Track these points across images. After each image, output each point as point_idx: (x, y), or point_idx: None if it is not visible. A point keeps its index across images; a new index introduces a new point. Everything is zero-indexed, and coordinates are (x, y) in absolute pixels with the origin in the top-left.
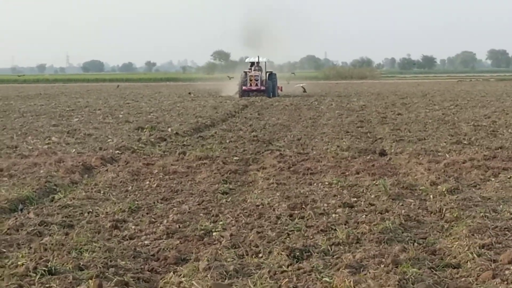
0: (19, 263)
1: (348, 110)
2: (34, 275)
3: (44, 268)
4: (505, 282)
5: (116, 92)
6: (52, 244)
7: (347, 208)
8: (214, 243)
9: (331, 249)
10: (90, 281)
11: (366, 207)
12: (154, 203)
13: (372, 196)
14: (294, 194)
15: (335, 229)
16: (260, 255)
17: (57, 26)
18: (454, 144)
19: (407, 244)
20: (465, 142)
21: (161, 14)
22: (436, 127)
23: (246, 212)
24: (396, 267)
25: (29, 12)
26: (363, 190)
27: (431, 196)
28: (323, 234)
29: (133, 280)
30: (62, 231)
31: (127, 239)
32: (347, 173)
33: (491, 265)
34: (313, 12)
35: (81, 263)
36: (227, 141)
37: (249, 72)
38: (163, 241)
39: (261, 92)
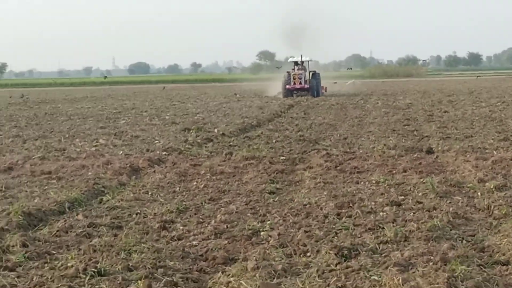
0: (68, 264)
1: (394, 108)
2: (84, 276)
3: (93, 270)
4: None
5: (162, 93)
6: (101, 246)
7: (395, 206)
8: (262, 242)
9: (379, 248)
10: (139, 282)
11: (414, 205)
12: (202, 203)
13: (420, 194)
14: (341, 193)
15: (383, 228)
16: (308, 254)
17: (103, 28)
18: (502, 141)
19: (455, 242)
20: None
21: (206, 15)
22: (483, 124)
23: (293, 212)
24: (445, 264)
25: (74, 15)
26: (410, 188)
27: (479, 193)
28: (371, 233)
29: (182, 281)
30: (110, 233)
31: (176, 240)
32: (394, 171)
33: None
34: (358, 11)
35: (130, 264)
36: (274, 141)
37: (292, 71)
38: (211, 241)
39: (305, 91)
